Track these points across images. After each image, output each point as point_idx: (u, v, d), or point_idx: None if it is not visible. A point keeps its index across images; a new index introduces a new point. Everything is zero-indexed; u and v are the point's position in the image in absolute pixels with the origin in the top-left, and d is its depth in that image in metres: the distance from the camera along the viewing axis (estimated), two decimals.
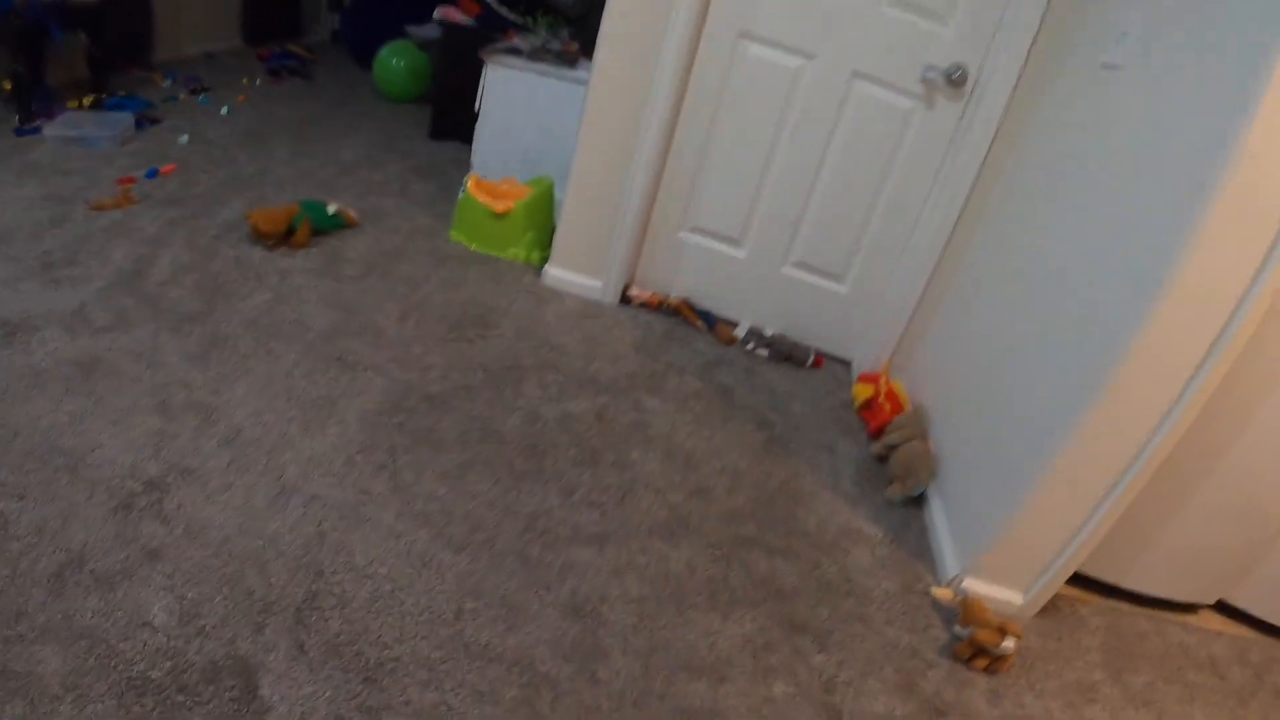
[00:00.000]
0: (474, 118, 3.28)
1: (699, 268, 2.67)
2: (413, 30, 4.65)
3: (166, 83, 4.27)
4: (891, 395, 2.32)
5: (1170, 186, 1.43)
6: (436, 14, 3.89)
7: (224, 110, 3.98)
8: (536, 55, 3.08)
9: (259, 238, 2.59)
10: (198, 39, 5.24)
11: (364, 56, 5.15)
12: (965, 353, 2.10)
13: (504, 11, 3.89)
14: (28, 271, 2.27)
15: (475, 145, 3.34)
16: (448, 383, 2.11)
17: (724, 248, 2.63)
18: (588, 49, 3.09)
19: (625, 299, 2.71)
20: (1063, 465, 1.57)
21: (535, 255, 2.84)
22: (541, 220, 2.89)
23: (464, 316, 2.45)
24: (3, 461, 1.56)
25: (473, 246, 2.89)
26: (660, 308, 2.71)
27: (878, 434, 2.27)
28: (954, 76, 2.20)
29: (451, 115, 3.89)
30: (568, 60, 3.09)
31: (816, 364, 2.63)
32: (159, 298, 2.22)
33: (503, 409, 2.05)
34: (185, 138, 3.46)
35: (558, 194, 2.94)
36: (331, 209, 2.82)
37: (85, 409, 1.75)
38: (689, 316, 2.69)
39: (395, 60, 4.60)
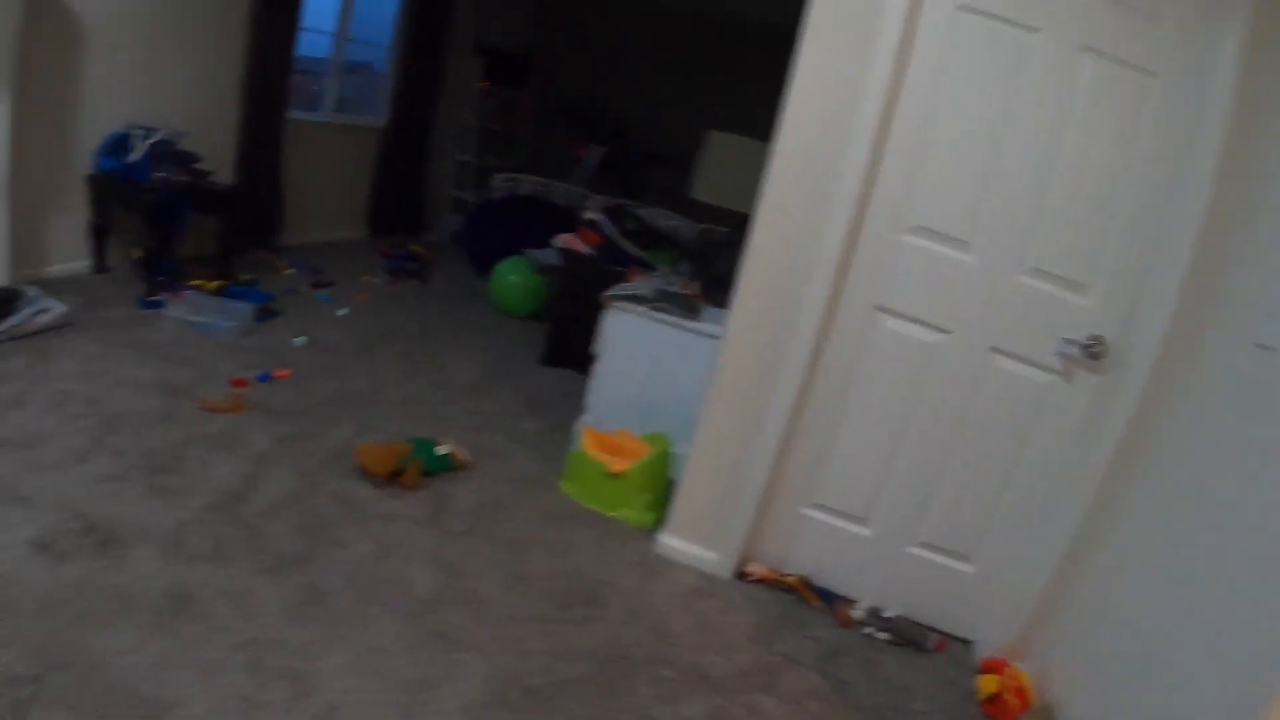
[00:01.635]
0: (588, 350, 3.79)
1: (819, 544, 2.97)
2: (532, 254, 5.50)
3: (290, 271, 5.23)
4: (1018, 689, 2.48)
5: None
6: (558, 241, 4.68)
7: (341, 312, 4.74)
8: (658, 303, 3.56)
9: (369, 476, 2.99)
10: (324, 227, 6.50)
11: (481, 264, 6.21)
12: (1104, 644, 2.24)
13: (625, 245, 4.67)
14: (131, 471, 2.75)
15: (591, 389, 3.80)
16: (553, 674, 2.29)
17: (847, 525, 2.95)
18: (708, 290, 3.62)
19: (741, 574, 2.98)
20: None
21: (648, 518, 3.17)
22: (656, 481, 3.24)
23: (571, 591, 2.67)
24: (81, 699, 1.83)
25: (583, 502, 3.24)
26: (777, 585, 2.96)
27: None
28: (1092, 349, 2.50)
29: (565, 344, 4.56)
30: (689, 308, 3.57)
31: (938, 648, 2.84)
32: (259, 531, 2.59)
33: (612, 710, 2.20)
34: (302, 340, 4.14)
35: (674, 450, 3.33)
36: (442, 450, 3.22)
37: (171, 652, 2.03)
38: (807, 595, 2.94)
39: (512, 277, 5.46)
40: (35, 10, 3.86)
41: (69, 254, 4.57)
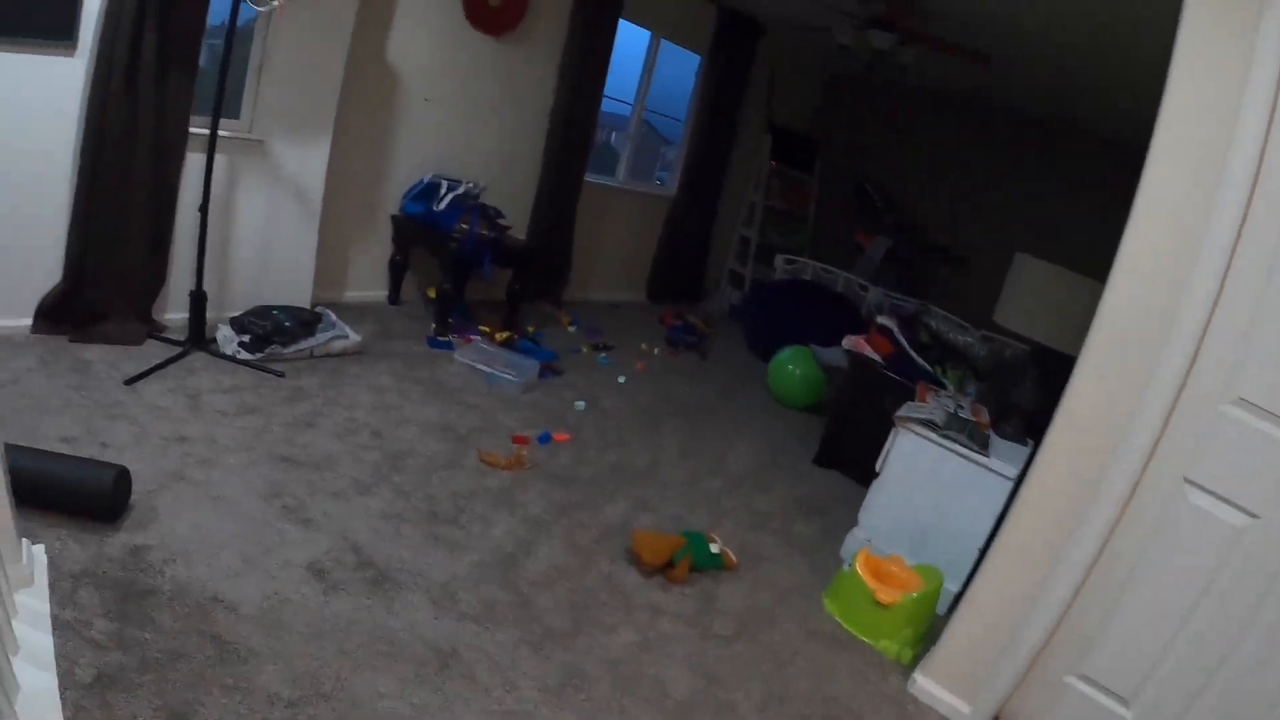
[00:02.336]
0: (863, 457, 3.78)
1: (1074, 716, 2.88)
2: (818, 350, 5.56)
3: (572, 328, 5.67)
4: None
5: None
6: (846, 342, 4.71)
7: (621, 379, 5.01)
8: (949, 430, 3.51)
9: (640, 565, 3.09)
10: (606, 287, 7.11)
11: (758, 345, 6.47)
12: None
13: (916, 358, 4.63)
14: (413, 513, 3.01)
15: (866, 504, 3.79)
16: None
17: (1110, 703, 2.84)
18: (999, 420, 3.70)
19: None
20: None
21: (907, 653, 3.22)
22: (922, 616, 3.28)
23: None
24: None
25: (844, 622, 3.32)
26: None
27: None
28: None
29: (841, 448, 4.66)
30: (979, 440, 3.50)
31: None
32: (529, 600, 2.72)
33: None
34: (582, 404, 4.40)
35: (946, 585, 3.40)
36: (714, 548, 3.30)
37: (430, 706, 2.15)
38: None
39: (792, 367, 5.57)
40: (358, 60, 4.64)
41: (367, 284, 5.39)
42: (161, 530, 2.55)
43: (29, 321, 3.69)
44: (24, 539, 2.07)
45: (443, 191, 5.03)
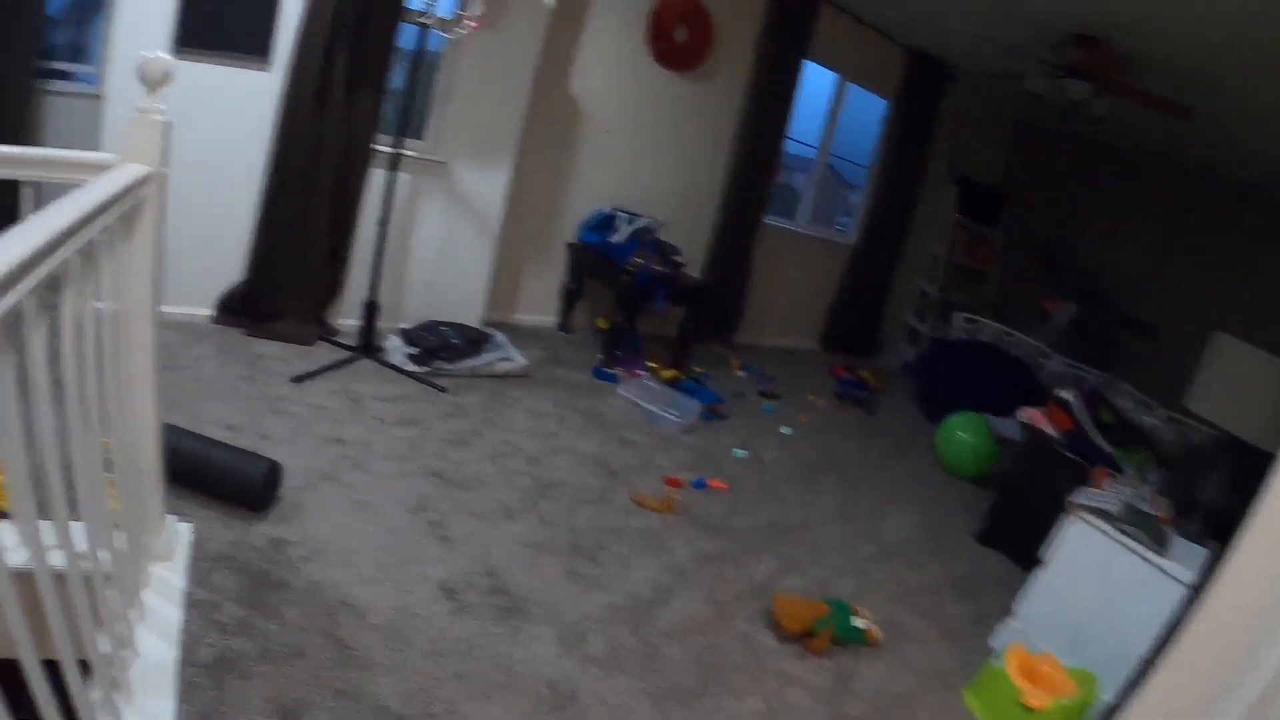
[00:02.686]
0: (1028, 539, 3.50)
1: None
2: (992, 419, 5.26)
3: (741, 373, 5.60)
4: None
5: None
6: (1022, 414, 4.41)
7: (785, 430, 4.88)
8: (1126, 523, 3.20)
9: (779, 629, 2.95)
10: (778, 333, 7.01)
11: (929, 407, 6.18)
12: None
13: (1097, 438, 4.31)
14: (554, 545, 2.98)
15: (1025, 594, 3.51)
16: None
17: None
18: (1182, 515, 3.38)
19: None
20: None
21: None
22: None
23: None
24: None
25: None
26: None
27: None
28: None
29: (1005, 526, 4.37)
30: (1158, 537, 3.15)
31: None
32: (658, 650, 2.62)
33: None
34: (742, 452, 4.30)
35: (1101, 696, 3.09)
36: (858, 623, 3.11)
37: None
38: None
39: (963, 434, 5.27)
40: (542, 89, 4.80)
41: (538, 309, 5.53)
42: (304, 527, 2.63)
43: (210, 312, 3.96)
44: (171, 515, 2.16)
45: (621, 224, 5.10)
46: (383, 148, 4.10)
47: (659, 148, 5.67)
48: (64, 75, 5.27)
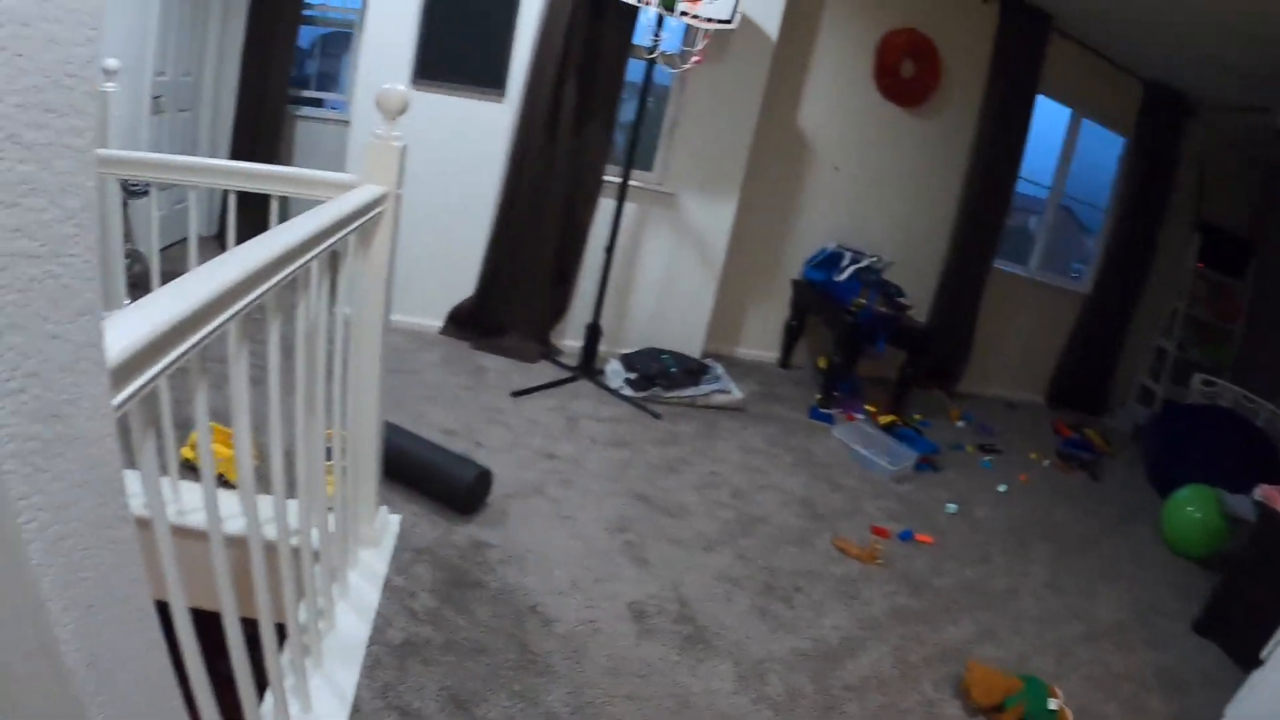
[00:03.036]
0: (1253, 637, 3.05)
1: None
2: (1225, 495, 4.71)
3: (960, 423, 5.35)
4: None
5: None
6: (1258, 491, 3.90)
7: (1001, 488, 4.61)
8: None
9: (967, 699, 2.78)
10: (1003, 383, 6.59)
11: (1159, 477, 5.49)
12: None
13: None
14: (749, 581, 2.96)
15: (1239, 697, 3.11)
16: None
17: None
18: None
19: None
20: None
21: None
22: None
23: None
24: None
25: None
26: None
27: None
28: None
29: (1228, 616, 3.83)
30: None
31: None
32: (837, 703, 2.52)
33: None
34: (954, 507, 4.11)
35: None
36: (1053, 704, 2.87)
37: None
38: None
39: (1191, 509, 4.71)
40: (768, 124, 4.82)
41: (759, 343, 5.51)
42: (507, 533, 2.75)
43: (440, 324, 4.27)
44: (384, 506, 2.34)
45: (845, 262, 5.02)
46: (611, 178, 4.28)
47: (886, 185, 5.54)
48: (315, 102, 5.91)
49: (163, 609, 0.89)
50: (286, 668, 1.57)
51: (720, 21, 3.92)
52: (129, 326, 0.82)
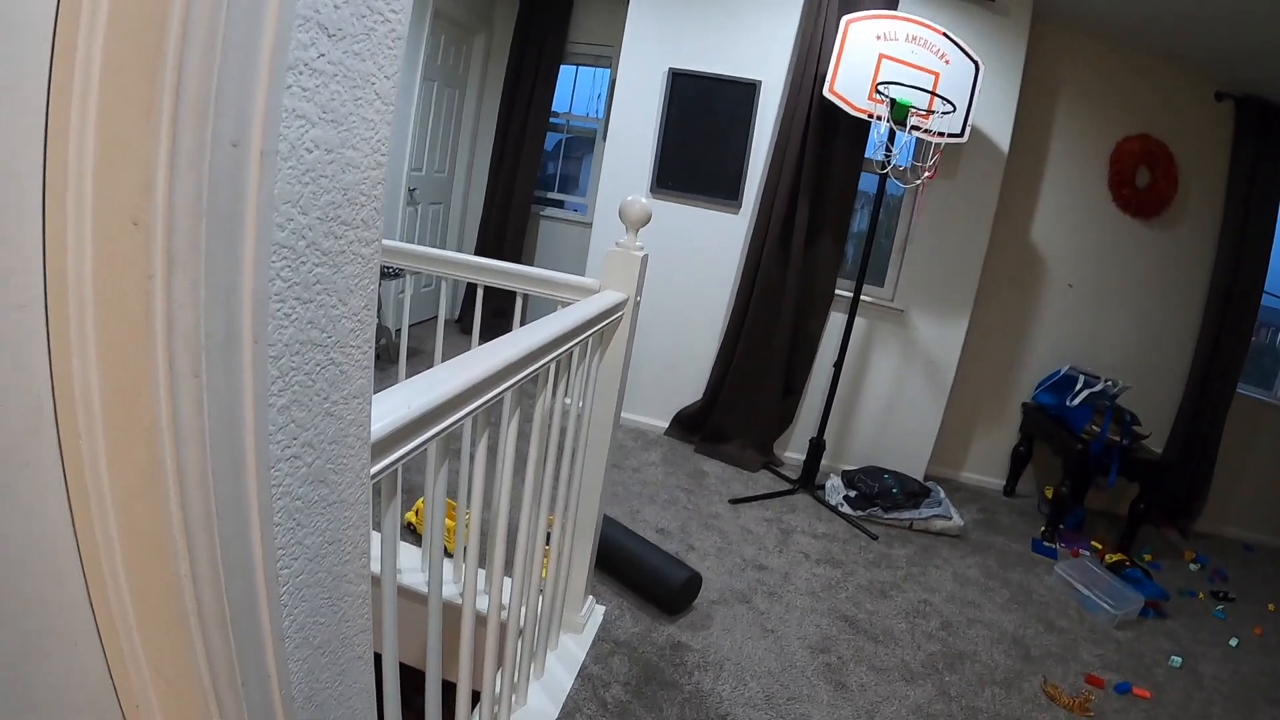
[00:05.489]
0: None
1: None
2: None
3: (1194, 566, 4.82)
4: None
5: None
6: None
7: (1233, 642, 4.11)
8: None
9: None
10: (1244, 523, 5.81)
11: None
12: None
13: None
14: (946, 717, 2.79)
15: None
16: None
17: None
18: None
19: None
20: None
21: None
22: None
23: None
24: None
25: None
26: None
27: None
28: None
29: None
30: None
31: None
32: None
33: None
34: (1178, 661, 3.70)
35: None
36: None
37: None
38: None
39: None
40: (1001, 240, 4.67)
41: (984, 468, 5.22)
42: (707, 638, 2.75)
43: (664, 424, 4.37)
44: (591, 596, 2.40)
45: (1078, 386, 4.72)
46: (842, 292, 4.29)
47: (1122, 302, 5.16)
48: (556, 203, 6.33)
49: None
50: None
51: (952, 136, 3.90)
52: (389, 407, 0.93)
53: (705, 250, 4.44)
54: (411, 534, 2.92)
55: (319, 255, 0.65)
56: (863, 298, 4.21)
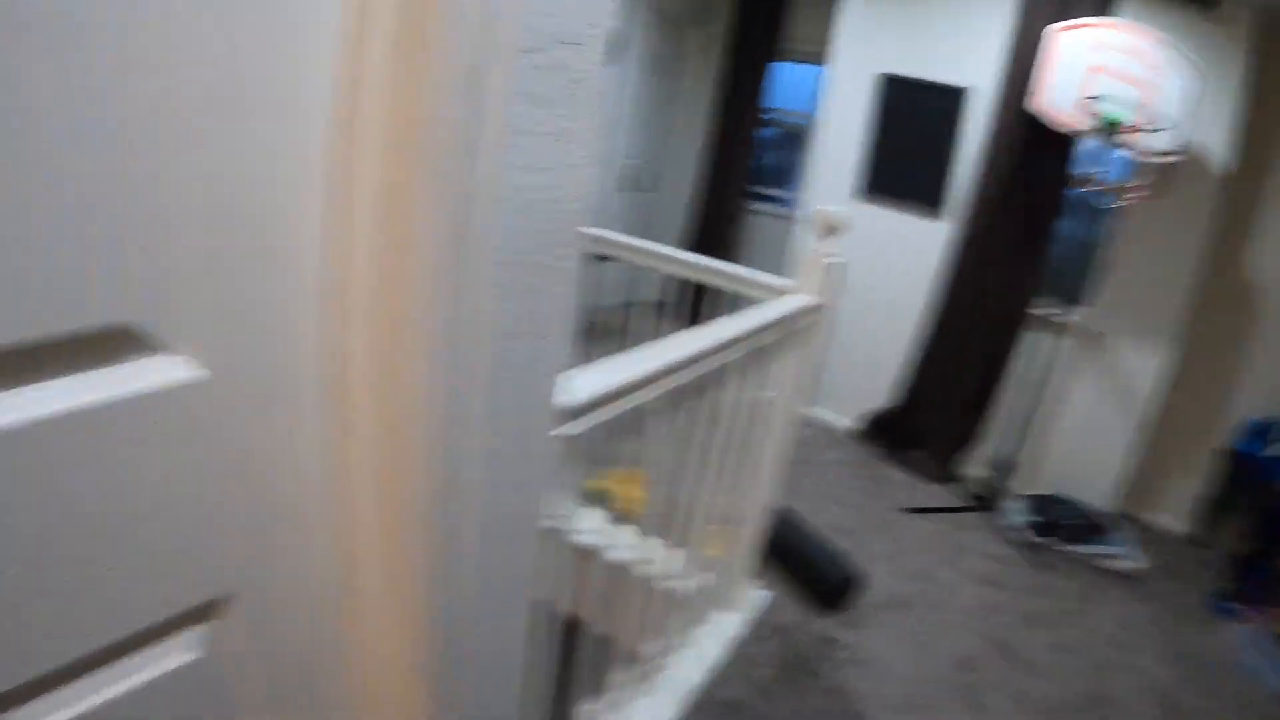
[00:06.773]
0: None
1: None
2: None
3: None
4: None
5: None
6: None
7: None
8: None
9: None
10: None
11: None
12: None
13: None
14: None
15: None
16: None
17: None
18: None
19: None
20: None
21: None
22: None
23: None
24: None
25: None
26: None
27: None
28: None
29: None
30: None
31: None
32: None
33: None
34: None
35: None
36: None
37: None
38: None
39: None
40: (1214, 269, 4.26)
41: (1173, 509, 4.75)
42: (859, 638, 2.81)
43: (849, 423, 4.41)
44: (757, 579, 2.53)
45: (1275, 434, 4.33)
46: (1040, 310, 4.16)
47: None
48: (766, 198, 6.35)
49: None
50: (617, 685, 1.79)
51: (1165, 153, 3.66)
52: (584, 382, 1.10)
53: (905, 255, 4.41)
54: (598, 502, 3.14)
55: (529, 269, 0.82)
56: (1061, 317, 4.06)
